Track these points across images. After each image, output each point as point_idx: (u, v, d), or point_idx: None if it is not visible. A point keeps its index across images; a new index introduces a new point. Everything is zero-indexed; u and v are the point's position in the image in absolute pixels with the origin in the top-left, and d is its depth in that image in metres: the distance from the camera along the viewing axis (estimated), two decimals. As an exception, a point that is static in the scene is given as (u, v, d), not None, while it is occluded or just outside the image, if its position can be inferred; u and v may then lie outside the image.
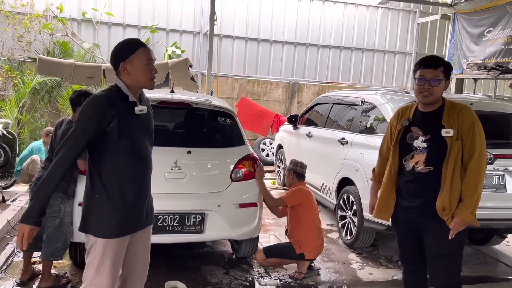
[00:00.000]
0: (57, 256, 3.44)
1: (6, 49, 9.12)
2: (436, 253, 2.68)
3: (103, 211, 2.23)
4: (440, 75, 2.58)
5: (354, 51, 11.97)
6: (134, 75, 2.25)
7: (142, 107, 2.29)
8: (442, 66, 2.60)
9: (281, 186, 7.62)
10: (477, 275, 4.37)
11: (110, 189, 2.23)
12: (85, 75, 7.47)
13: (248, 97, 10.30)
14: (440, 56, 2.71)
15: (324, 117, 6.14)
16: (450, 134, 2.55)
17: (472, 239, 5.24)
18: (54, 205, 3.37)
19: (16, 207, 5.22)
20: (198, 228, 3.66)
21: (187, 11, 10.56)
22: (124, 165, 2.24)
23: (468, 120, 2.57)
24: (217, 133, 4.22)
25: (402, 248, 2.92)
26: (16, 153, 6.07)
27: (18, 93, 8.60)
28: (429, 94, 2.58)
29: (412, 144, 2.67)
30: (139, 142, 2.29)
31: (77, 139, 2.13)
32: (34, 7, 9.31)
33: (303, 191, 4.07)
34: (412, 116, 2.72)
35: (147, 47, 2.30)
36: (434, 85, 2.57)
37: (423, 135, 2.64)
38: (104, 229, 2.24)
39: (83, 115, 2.16)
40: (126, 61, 2.23)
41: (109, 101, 2.18)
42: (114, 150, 2.21)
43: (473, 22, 10.26)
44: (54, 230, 3.40)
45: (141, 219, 2.37)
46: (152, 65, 2.29)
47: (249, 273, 4.05)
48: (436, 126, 2.59)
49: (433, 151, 2.59)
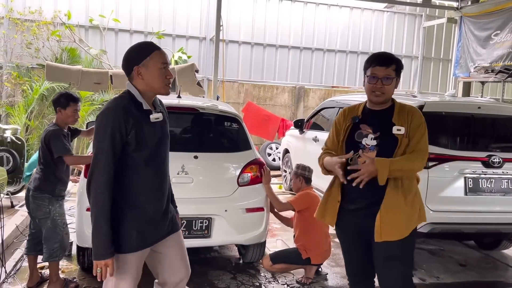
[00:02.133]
0: (55, 257, 3.45)
1: (15, 56, 9.22)
2: (385, 256, 2.50)
3: (119, 225, 2.12)
4: (392, 73, 2.50)
5: (360, 55, 11.96)
6: (149, 79, 2.13)
7: (158, 114, 2.19)
8: (394, 64, 2.52)
9: (287, 190, 7.60)
10: (486, 280, 4.33)
11: (126, 202, 2.14)
12: (93, 81, 7.53)
13: (254, 101, 10.31)
14: (390, 53, 2.61)
15: (331, 121, 6.13)
16: (401, 131, 2.48)
17: (481, 244, 5.19)
18: (43, 206, 3.41)
19: (25, 212, 5.25)
20: (205, 233, 3.67)
21: (193, 16, 10.62)
22: (141, 176, 2.15)
23: (417, 120, 2.52)
24: (224, 137, 4.23)
25: (350, 257, 2.72)
26: (25, 159, 6.12)
27: (27, 99, 8.68)
28: (381, 94, 2.51)
29: (361, 142, 2.55)
30: (155, 151, 2.19)
31: (106, 159, 2.03)
32: (43, 14, 9.41)
33: (311, 195, 4.06)
34: (361, 114, 2.64)
35: (162, 50, 2.19)
36: (386, 83, 2.49)
37: (372, 132, 2.53)
38: (121, 243, 2.13)
39: (104, 133, 2.04)
40: (140, 65, 2.13)
41: (125, 112, 2.07)
42: (130, 161, 2.12)
43: (480, 25, 10.20)
44: (48, 231, 3.43)
45: (162, 229, 2.29)
46: (168, 70, 2.17)
47: (256, 278, 4.04)
48: (387, 124, 2.52)
49: (383, 149, 2.49)
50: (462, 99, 6.58)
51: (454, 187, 4.03)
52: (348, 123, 2.64)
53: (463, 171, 4.04)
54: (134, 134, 2.07)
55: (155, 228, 2.25)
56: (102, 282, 3.00)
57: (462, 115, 4.25)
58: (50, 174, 3.45)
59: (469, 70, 10.21)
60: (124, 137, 2.06)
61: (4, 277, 3.66)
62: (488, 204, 4.12)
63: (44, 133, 3.46)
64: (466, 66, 10.42)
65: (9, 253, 4.21)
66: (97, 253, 2.05)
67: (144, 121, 2.13)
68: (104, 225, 2.03)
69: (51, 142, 3.38)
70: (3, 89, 8.90)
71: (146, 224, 2.20)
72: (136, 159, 2.12)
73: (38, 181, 3.45)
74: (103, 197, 2.03)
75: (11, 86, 8.94)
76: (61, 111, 3.49)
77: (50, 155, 3.42)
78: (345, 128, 2.64)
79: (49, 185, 3.44)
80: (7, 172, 5.67)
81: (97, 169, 2.04)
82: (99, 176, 2.03)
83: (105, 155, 2.03)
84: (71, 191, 6.49)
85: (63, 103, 3.48)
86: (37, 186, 3.44)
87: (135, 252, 2.17)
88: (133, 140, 2.08)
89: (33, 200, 3.44)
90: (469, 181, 4.06)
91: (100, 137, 2.05)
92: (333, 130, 2.74)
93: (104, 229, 2.04)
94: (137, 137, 2.08)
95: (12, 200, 5.76)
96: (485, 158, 4.09)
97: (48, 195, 3.43)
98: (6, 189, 5.69)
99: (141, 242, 2.19)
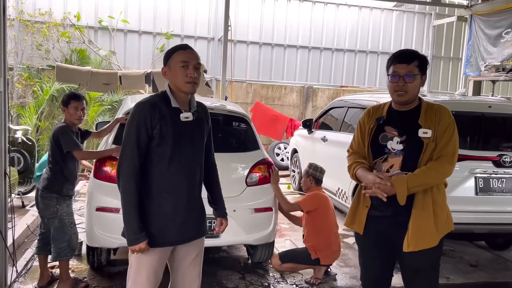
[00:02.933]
0: (63, 256, 3.48)
1: (25, 58, 9.32)
2: (413, 268, 2.40)
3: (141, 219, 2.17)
4: (414, 70, 2.34)
5: (369, 55, 11.90)
6: (172, 79, 2.23)
7: (187, 114, 2.23)
8: (417, 60, 2.35)
9: (296, 190, 7.59)
10: (497, 281, 4.28)
11: (146, 198, 2.19)
12: (102, 82, 7.59)
13: (263, 101, 10.31)
14: (414, 50, 2.46)
15: (339, 121, 6.11)
16: (428, 134, 2.32)
17: (492, 244, 5.14)
18: (51, 206, 3.44)
19: (35, 212, 5.30)
20: (213, 233, 3.66)
21: (202, 17, 10.64)
22: (163, 173, 2.20)
23: (446, 121, 2.35)
24: (232, 137, 4.23)
25: (367, 264, 2.58)
26: (35, 159, 6.18)
27: (37, 100, 8.78)
28: (404, 92, 2.35)
29: (386, 145, 2.40)
30: (180, 149, 2.20)
31: (132, 150, 2.13)
32: (52, 16, 9.49)
33: (320, 196, 4.03)
34: (386, 115, 2.47)
35: (187, 50, 2.25)
36: (409, 81, 2.33)
37: (398, 135, 2.38)
38: None
39: (131, 126, 2.16)
40: (166, 66, 2.25)
41: (152, 106, 2.17)
42: (153, 157, 2.18)
43: (491, 23, 10.09)
44: (55, 231, 3.47)
45: (184, 230, 2.28)
46: (190, 68, 2.19)
47: (265, 278, 4.04)
48: (413, 126, 2.36)
49: (410, 154, 2.34)
50: (473, 98, 6.51)
51: (465, 187, 3.99)
52: (372, 124, 2.49)
53: (474, 171, 4.00)
54: (159, 129, 2.15)
55: (177, 228, 2.25)
56: (112, 282, 3.02)
57: (472, 115, 4.21)
58: (58, 173, 3.47)
59: (479, 69, 10.10)
60: (149, 131, 2.15)
61: (15, 277, 3.70)
62: (499, 204, 4.08)
63: (53, 131, 3.51)
64: (477, 65, 10.31)
65: (20, 252, 4.25)
66: (130, 239, 2.13)
67: (172, 118, 2.20)
68: (133, 211, 2.13)
69: (60, 137, 3.41)
70: (14, 90, 8.99)
71: (166, 222, 2.22)
72: (160, 154, 2.18)
73: (46, 180, 3.48)
74: (129, 185, 2.13)
75: (22, 88, 9.04)
76: (65, 110, 3.54)
77: (59, 152, 3.44)
78: (369, 129, 2.50)
79: (57, 184, 3.47)
80: (18, 173, 5.74)
81: (124, 159, 2.15)
82: (125, 166, 2.14)
83: (131, 146, 2.14)
84: (80, 191, 6.54)
85: (65, 102, 3.55)
86: (45, 186, 3.47)
87: (153, 248, 2.19)
88: (157, 135, 2.15)
89: (42, 199, 3.47)
90: (480, 181, 4.02)
91: (128, 129, 2.17)
92: (357, 131, 2.59)
93: (133, 215, 2.13)
94: (161, 132, 2.15)
95: (23, 200, 5.82)
96: (496, 157, 4.05)
97: (56, 195, 3.46)
98: (17, 189, 5.76)
99: (160, 239, 2.21)
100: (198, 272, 2.44)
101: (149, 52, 10.19)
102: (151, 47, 10.23)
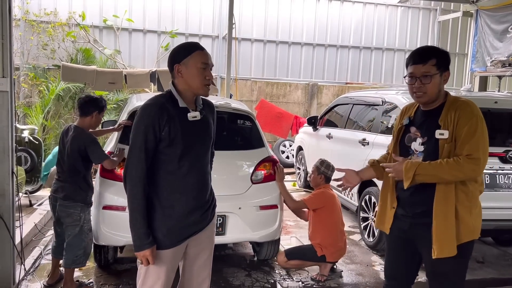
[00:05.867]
0: (78, 264, 3.45)
1: (31, 57, 9.37)
2: (431, 269, 2.37)
3: (151, 221, 2.15)
4: (431, 69, 2.22)
5: (374, 51, 11.85)
6: (188, 78, 2.14)
7: (195, 113, 2.19)
8: (434, 58, 2.23)
9: (301, 188, 7.59)
10: (504, 277, 4.26)
11: (157, 198, 2.16)
12: (107, 81, 7.63)
13: (267, 99, 10.30)
14: (431, 47, 2.36)
15: (345, 118, 6.10)
16: (444, 136, 2.20)
17: (499, 240, 5.11)
18: (75, 215, 3.40)
19: (43, 211, 5.35)
20: (219, 230, 3.68)
21: (206, 15, 10.65)
22: (174, 173, 2.16)
23: (465, 118, 2.18)
24: (237, 135, 4.24)
25: (390, 260, 2.58)
26: (42, 158, 6.23)
27: (43, 99, 8.84)
28: (422, 94, 2.26)
29: (410, 146, 2.36)
30: (189, 149, 2.17)
31: (139, 154, 2.08)
32: (58, 16, 9.54)
33: (326, 194, 4.03)
34: (414, 115, 2.41)
35: (205, 51, 2.19)
36: (426, 82, 2.23)
37: (421, 136, 2.32)
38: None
39: (138, 129, 2.10)
40: (181, 63, 2.14)
41: (160, 108, 2.11)
42: (164, 158, 2.14)
43: (497, 18, 10.02)
44: (74, 238, 3.42)
45: (194, 226, 2.26)
46: (208, 71, 2.16)
47: (271, 275, 4.05)
48: (433, 127, 2.26)
49: (429, 156, 2.26)
50: (479, 93, 6.47)
51: (471, 183, 3.97)
52: (400, 125, 2.45)
53: (480, 167, 3.97)
54: (167, 131, 2.10)
55: (188, 226, 2.23)
56: (119, 279, 3.03)
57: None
58: (82, 182, 3.43)
59: (485, 64, 10.05)
60: (157, 134, 2.09)
61: (24, 275, 3.73)
62: (506, 200, 4.06)
63: (76, 140, 3.35)
64: (483, 60, 10.25)
65: (28, 251, 4.29)
66: (136, 245, 2.10)
67: (180, 118, 2.15)
68: (139, 217, 2.09)
69: (89, 148, 3.33)
70: (20, 90, 9.06)
71: (178, 223, 2.19)
72: (170, 155, 2.14)
73: (68, 190, 3.39)
74: (137, 190, 2.08)
75: (28, 87, 9.11)
76: (96, 115, 3.47)
77: (82, 161, 3.37)
78: (399, 129, 2.46)
79: (81, 193, 3.42)
80: (25, 172, 5.79)
81: (131, 163, 2.10)
82: (132, 170, 2.09)
83: (138, 150, 2.09)
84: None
85: (101, 108, 3.48)
86: (68, 195, 3.38)
87: (164, 250, 2.17)
88: (166, 137, 2.10)
89: (64, 209, 3.40)
90: (486, 177, 4.00)
91: (135, 132, 2.11)
92: (393, 131, 2.57)
93: (140, 221, 2.09)
94: (170, 133, 2.10)
95: (30, 199, 5.87)
96: (502, 153, 4.03)
97: (81, 204, 3.42)
98: (25, 188, 5.81)
99: (171, 240, 2.18)
100: (208, 272, 2.44)
101: (154, 50, 10.22)
102: (155, 45, 10.25)
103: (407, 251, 2.46)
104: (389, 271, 2.60)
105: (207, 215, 2.34)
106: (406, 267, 2.51)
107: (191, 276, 2.40)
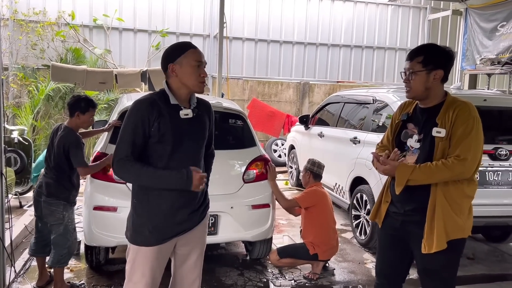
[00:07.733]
0: (62, 263, 3.45)
1: (20, 57, 9.28)
2: (422, 266, 2.38)
3: (138, 217, 2.19)
4: (415, 66, 2.27)
5: (365, 50, 11.89)
6: (182, 77, 2.17)
7: (187, 111, 2.20)
8: (422, 55, 2.27)
9: (294, 186, 7.60)
10: (494, 273, 4.31)
11: (146, 195, 2.18)
12: (98, 81, 7.58)
13: (259, 98, 10.30)
14: (430, 44, 2.40)
15: (336, 116, 6.12)
16: (441, 134, 2.22)
17: (489, 237, 5.16)
18: (57, 213, 3.39)
19: (33, 212, 5.30)
20: (211, 230, 3.68)
21: (197, 14, 10.61)
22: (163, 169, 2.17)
23: (462, 119, 2.20)
24: (229, 135, 4.23)
25: (381, 258, 2.59)
26: (32, 159, 6.17)
27: (33, 100, 8.75)
28: (409, 89, 2.33)
29: (406, 142, 2.39)
30: (179, 146, 2.18)
31: (127, 149, 2.11)
32: (47, 15, 9.45)
33: (318, 192, 4.04)
34: (412, 111, 2.45)
35: (198, 49, 2.24)
36: (411, 78, 2.29)
37: (417, 133, 2.34)
38: (136, 236, 2.20)
39: (127, 123, 2.14)
40: (174, 63, 2.17)
41: (150, 104, 2.14)
42: (152, 154, 2.16)
43: (486, 17, 10.10)
44: (59, 236, 3.42)
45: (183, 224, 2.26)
46: (202, 68, 2.21)
47: (264, 274, 4.05)
48: (430, 124, 2.28)
49: (424, 153, 2.28)
50: (468, 91, 6.53)
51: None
52: (398, 120, 2.48)
53: (470, 164, 4.00)
54: (157, 127, 2.12)
55: (174, 225, 2.23)
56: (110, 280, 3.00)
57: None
58: (65, 181, 3.43)
59: (475, 62, 10.12)
60: (146, 129, 2.12)
61: (14, 277, 3.69)
62: (496, 196, 4.10)
63: (62, 139, 3.36)
64: (473, 58, 10.33)
65: (18, 253, 4.25)
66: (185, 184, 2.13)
67: (171, 115, 2.17)
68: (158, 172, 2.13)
69: (72, 150, 3.33)
70: (9, 90, 8.96)
71: (165, 220, 2.20)
72: (160, 152, 2.16)
73: (52, 187, 3.40)
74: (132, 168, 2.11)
75: (17, 87, 9.01)
76: (80, 115, 3.44)
77: (66, 161, 3.37)
78: (396, 125, 2.49)
79: (64, 192, 3.42)
80: (15, 173, 5.73)
81: (117, 156, 2.13)
82: (120, 162, 2.12)
83: (126, 144, 2.12)
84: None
85: (83, 108, 3.44)
86: (51, 193, 3.39)
87: (149, 246, 2.18)
88: (156, 133, 2.13)
89: (47, 206, 3.39)
90: (476, 174, 4.03)
91: (124, 127, 2.15)
92: (389, 125, 2.59)
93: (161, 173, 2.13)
94: (160, 129, 2.13)
95: (20, 201, 5.81)
96: (491, 150, 4.06)
97: (64, 202, 3.41)
98: (14, 189, 5.75)
99: (156, 237, 2.19)
100: (199, 272, 2.45)
101: (145, 50, 10.17)
102: (146, 45, 10.21)
103: (398, 249, 2.48)
104: (381, 270, 2.61)
105: (197, 215, 2.33)
106: (398, 265, 2.53)
107: (181, 276, 2.39)
